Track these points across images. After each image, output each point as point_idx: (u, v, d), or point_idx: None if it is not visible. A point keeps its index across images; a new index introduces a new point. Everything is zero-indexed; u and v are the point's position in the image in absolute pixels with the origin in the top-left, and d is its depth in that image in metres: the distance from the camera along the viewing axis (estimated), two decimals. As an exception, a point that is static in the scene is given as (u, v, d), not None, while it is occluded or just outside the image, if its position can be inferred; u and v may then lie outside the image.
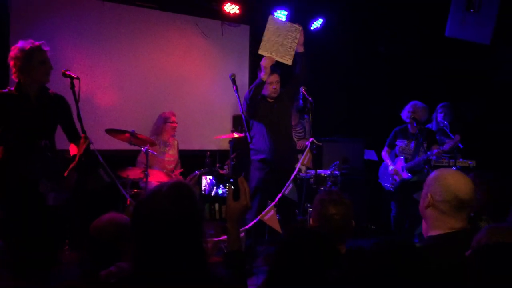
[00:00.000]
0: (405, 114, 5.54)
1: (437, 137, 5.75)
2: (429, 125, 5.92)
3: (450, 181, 2.02)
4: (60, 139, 3.69)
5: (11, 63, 3.36)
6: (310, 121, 4.82)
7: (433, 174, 2.12)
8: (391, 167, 5.57)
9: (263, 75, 4.53)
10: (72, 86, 3.36)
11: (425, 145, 5.36)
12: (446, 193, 2.00)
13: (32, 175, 3.31)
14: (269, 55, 4.44)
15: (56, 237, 3.56)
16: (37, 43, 3.37)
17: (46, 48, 3.40)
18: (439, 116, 5.83)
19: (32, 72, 3.36)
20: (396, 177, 5.50)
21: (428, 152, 5.23)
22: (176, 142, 5.66)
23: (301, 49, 4.69)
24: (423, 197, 2.10)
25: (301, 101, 5.56)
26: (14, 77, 3.39)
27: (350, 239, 2.34)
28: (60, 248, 3.83)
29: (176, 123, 5.56)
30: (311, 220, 2.42)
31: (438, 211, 2.03)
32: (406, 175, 5.43)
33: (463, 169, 5.22)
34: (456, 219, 2.01)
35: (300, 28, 4.56)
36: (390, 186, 5.63)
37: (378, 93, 7.22)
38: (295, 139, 5.90)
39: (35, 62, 3.34)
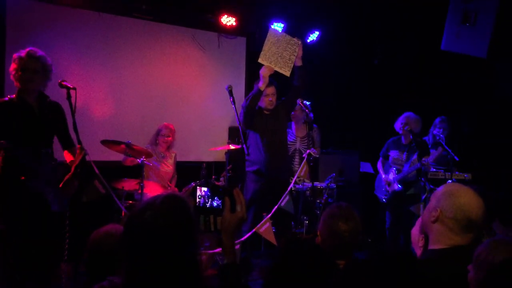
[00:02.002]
0: (398, 125, 5.57)
1: (433, 151, 5.76)
2: (425, 138, 5.93)
3: (463, 200, 1.97)
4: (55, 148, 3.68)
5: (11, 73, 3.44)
6: (307, 129, 4.84)
7: (445, 188, 2.07)
8: (383, 176, 5.65)
9: (261, 85, 4.54)
10: (69, 96, 3.36)
11: (415, 156, 5.38)
12: (457, 212, 1.95)
13: (38, 183, 3.32)
14: (268, 64, 4.46)
15: (56, 248, 3.54)
16: (23, 51, 3.41)
17: (33, 55, 3.40)
18: (436, 130, 5.84)
19: (18, 80, 3.39)
20: (388, 188, 5.54)
21: (417, 163, 5.24)
22: (173, 154, 5.64)
23: (299, 63, 4.71)
24: (430, 210, 2.03)
25: (311, 114, 5.59)
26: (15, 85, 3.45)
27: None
28: (58, 260, 3.79)
29: (170, 137, 5.50)
30: (318, 232, 2.39)
31: (445, 227, 1.97)
32: (396, 186, 5.46)
33: (459, 182, 5.22)
34: (462, 238, 1.96)
35: (299, 42, 4.59)
36: (384, 197, 5.65)
37: (374, 105, 7.23)
38: (302, 150, 5.88)
39: (18, 69, 3.38)
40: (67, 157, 3.60)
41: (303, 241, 1.97)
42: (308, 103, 5.53)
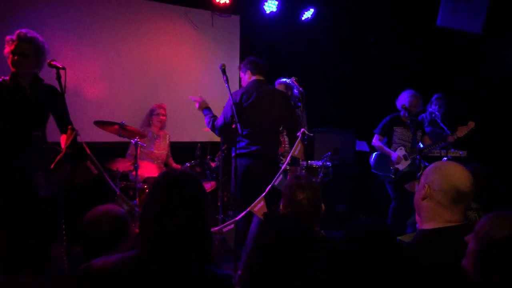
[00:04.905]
0: (401, 102, 5.47)
1: (429, 128, 5.74)
2: (422, 115, 5.91)
3: (451, 171, 1.95)
4: (51, 131, 3.65)
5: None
6: (301, 111, 4.77)
7: (433, 165, 2.05)
8: (394, 155, 5.44)
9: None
10: (58, 76, 3.30)
11: (419, 133, 5.37)
12: (445, 183, 1.93)
13: (27, 166, 3.30)
14: None
15: (49, 230, 3.54)
16: (15, 33, 3.37)
17: (23, 37, 3.36)
18: (432, 107, 5.82)
19: (10, 63, 3.37)
20: (399, 166, 5.41)
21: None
22: (167, 136, 5.61)
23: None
24: (419, 188, 2.02)
25: (295, 91, 5.53)
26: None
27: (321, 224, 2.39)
28: (51, 242, 3.80)
29: (164, 116, 5.51)
30: (281, 206, 2.45)
31: (434, 202, 1.95)
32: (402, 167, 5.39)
33: (454, 160, 5.23)
34: (452, 211, 1.94)
35: None
36: (391, 175, 5.50)
37: (369, 84, 7.20)
38: None
39: (10, 52, 3.35)
40: (63, 141, 3.55)
41: (282, 216, 1.99)
42: (288, 80, 5.42)
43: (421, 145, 5.35)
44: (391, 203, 5.60)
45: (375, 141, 5.65)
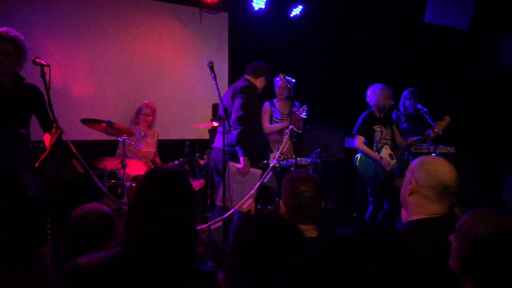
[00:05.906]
0: (373, 99, 5.36)
1: (405, 124, 5.74)
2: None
3: (436, 166, 1.98)
4: (33, 130, 3.61)
5: None
6: (289, 105, 4.77)
7: (418, 160, 2.08)
8: (381, 158, 5.21)
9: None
10: (43, 74, 3.27)
11: (394, 129, 5.36)
12: (431, 178, 1.96)
13: (16, 165, 3.28)
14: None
15: (39, 229, 3.52)
16: None
17: (4, 36, 3.32)
18: (407, 102, 5.80)
19: None
20: (387, 167, 5.23)
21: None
22: (156, 133, 5.57)
23: None
24: (405, 184, 2.05)
25: (291, 90, 5.52)
26: None
27: (319, 220, 2.33)
28: (40, 242, 3.78)
29: (150, 116, 5.43)
30: (281, 201, 2.39)
31: (421, 197, 1.98)
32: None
33: (442, 156, 5.23)
34: (439, 205, 1.97)
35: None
36: (379, 177, 5.29)
37: (358, 81, 7.20)
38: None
39: None
40: (47, 139, 3.53)
41: (266, 214, 1.97)
42: (293, 80, 5.44)
43: (414, 138, 5.33)
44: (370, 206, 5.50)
45: (359, 143, 5.33)
